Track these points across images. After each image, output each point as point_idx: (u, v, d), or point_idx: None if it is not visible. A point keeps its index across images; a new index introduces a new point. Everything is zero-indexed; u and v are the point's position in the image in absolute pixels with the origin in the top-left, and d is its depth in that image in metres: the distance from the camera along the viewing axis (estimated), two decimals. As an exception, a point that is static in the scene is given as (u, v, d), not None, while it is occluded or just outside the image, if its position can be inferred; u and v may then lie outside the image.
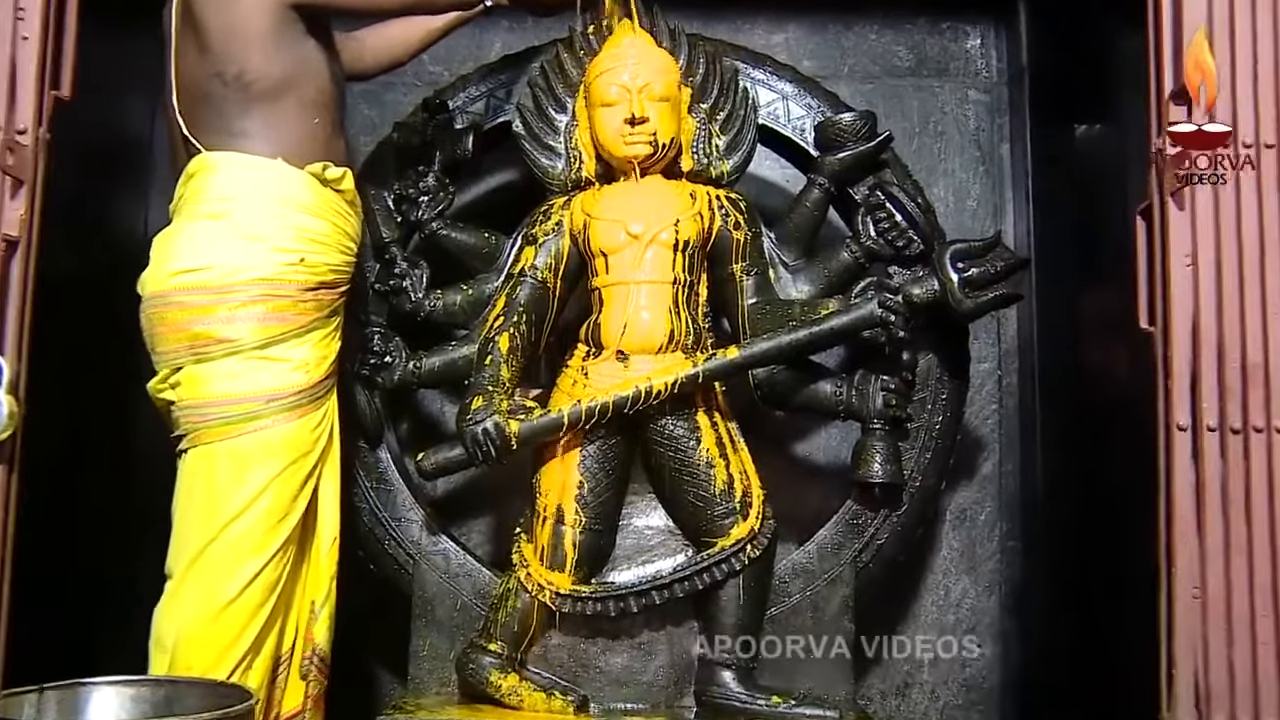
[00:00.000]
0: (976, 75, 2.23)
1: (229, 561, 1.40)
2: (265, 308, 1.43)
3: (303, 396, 1.46)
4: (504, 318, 1.62)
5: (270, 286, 1.43)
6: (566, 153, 1.70)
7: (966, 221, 2.15)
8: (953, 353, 1.73)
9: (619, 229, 1.60)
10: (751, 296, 1.65)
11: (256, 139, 1.46)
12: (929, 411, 1.71)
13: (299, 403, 1.45)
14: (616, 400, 1.53)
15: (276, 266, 1.44)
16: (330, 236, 1.50)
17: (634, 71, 1.62)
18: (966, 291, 1.56)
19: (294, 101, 1.48)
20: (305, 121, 1.49)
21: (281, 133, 1.47)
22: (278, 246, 1.44)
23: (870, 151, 1.72)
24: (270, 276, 1.43)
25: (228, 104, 1.45)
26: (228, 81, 1.44)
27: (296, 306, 1.46)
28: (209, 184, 1.45)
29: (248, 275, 1.42)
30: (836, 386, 1.63)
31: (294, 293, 1.45)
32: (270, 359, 1.43)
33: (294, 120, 1.48)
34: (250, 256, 1.43)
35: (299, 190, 1.47)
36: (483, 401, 1.52)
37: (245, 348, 1.42)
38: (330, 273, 1.50)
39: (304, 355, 1.47)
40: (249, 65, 1.43)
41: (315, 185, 1.48)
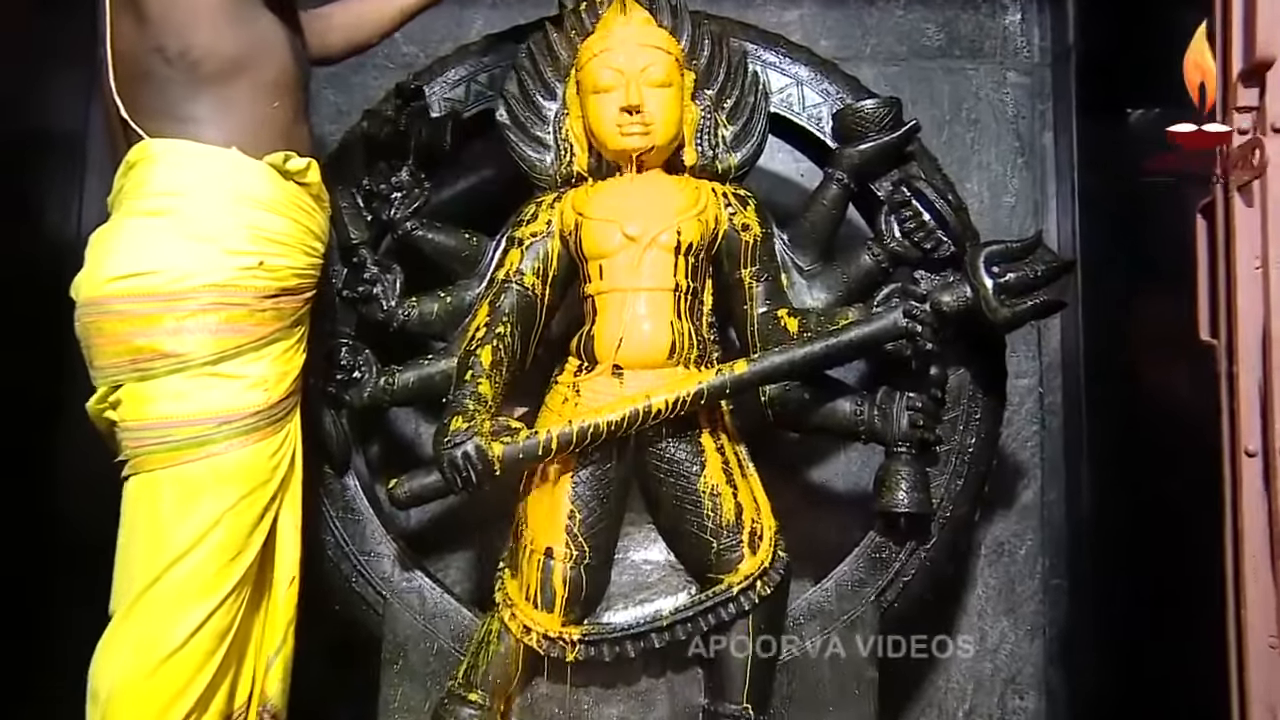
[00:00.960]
0: (1016, 55, 2.24)
1: (174, 605, 1.38)
2: (218, 318, 1.41)
3: (261, 418, 1.45)
4: (486, 329, 1.63)
5: (224, 294, 1.42)
6: (556, 145, 1.72)
7: (1003, 220, 2.17)
8: (988, 367, 1.74)
9: (614, 230, 1.61)
10: (762, 305, 1.66)
11: (207, 125, 1.44)
12: (961, 433, 1.72)
13: (256, 425, 1.44)
14: (611, 421, 1.53)
15: (231, 271, 1.42)
16: (293, 236, 1.50)
17: (630, 54, 1.64)
18: (1003, 299, 1.56)
19: (249, 83, 1.46)
20: (263, 105, 1.48)
21: (235, 118, 1.45)
22: (232, 248, 1.43)
23: (895, 142, 1.73)
24: (224, 282, 1.42)
25: (172, 85, 1.43)
26: (171, 59, 1.42)
27: (254, 316, 1.45)
28: (152, 176, 1.43)
29: (198, 281, 1.40)
30: (857, 405, 1.64)
31: (251, 300, 1.44)
32: (223, 376, 1.42)
33: (250, 104, 1.47)
34: (200, 259, 1.41)
35: (257, 183, 1.46)
36: (462, 422, 1.52)
37: (194, 363, 1.40)
38: (293, 277, 1.50)
39: (262, 371, 1.46)
40: (195, 40, 1.42)
41: (275, 178, 1.48)
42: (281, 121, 1.50)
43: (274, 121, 1.49)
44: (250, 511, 1.43)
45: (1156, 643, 1.76)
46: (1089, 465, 2.06)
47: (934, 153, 1.84)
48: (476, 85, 1.85)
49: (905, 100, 1.81)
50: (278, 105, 1.49)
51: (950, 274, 1.68)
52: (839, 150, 1.74)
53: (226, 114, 1.45)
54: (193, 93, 1.44)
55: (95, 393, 1.45)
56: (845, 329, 1.56)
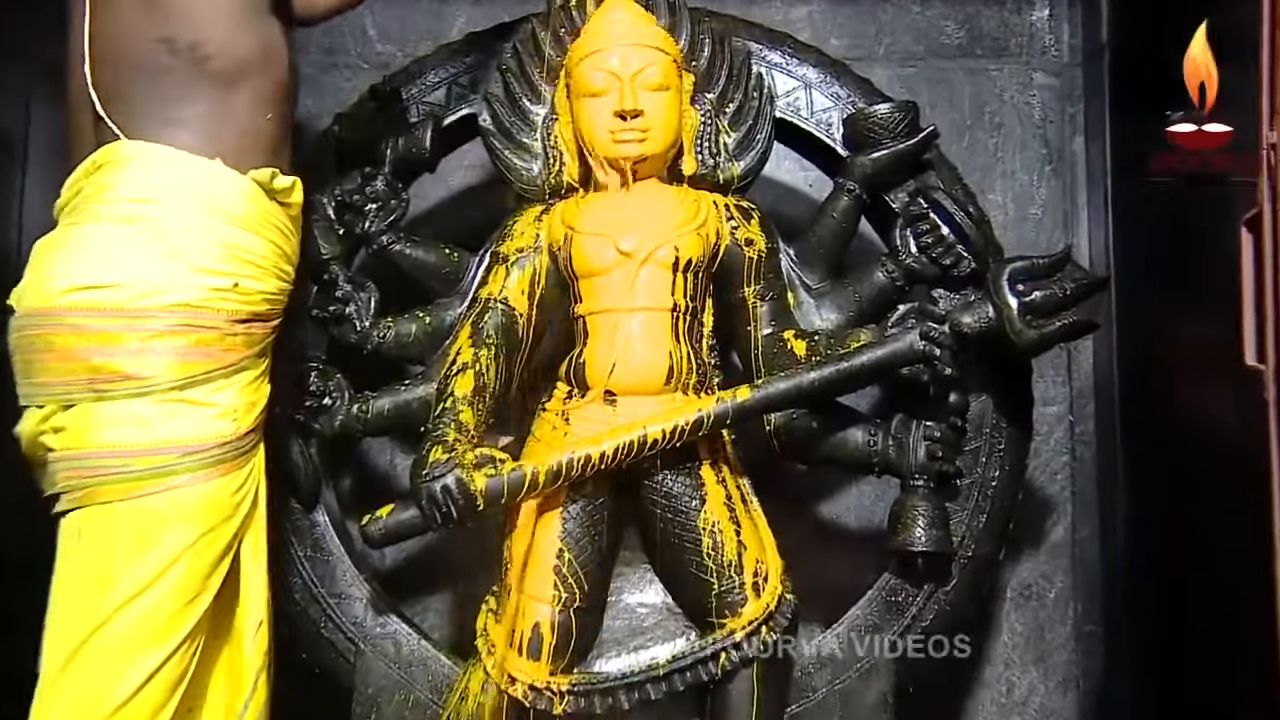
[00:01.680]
0: (1044, 54, 2.26)
1: (122, 653, 1.37)
2: (187, 340, 1.42)
3: (227, 450, 1.46)
4: (468, 352, 1.64)
5: (194, 314, 1.43)
6: (544, 153, 1.74)
7: (1029, 234, 2.19)
8: (1012, 394, 1.76)
9: (607, 245, 1.63)
10: (767, 326, 1.68)
11: (194, 131, 1.45)
12: (983, 465, 1.73)
13: (222, 457, 1.45)
14: (604, 452, 1.54)
15: (204, 291, 1.43)
16: (268, 259, 1.51)
17: (625, 54, 1.66)
18: (1029, 319, 1.57)
19: (250, 90, 1.48)
20: (257, 117, 1.49)
21: (227, 127, 1.47)
22: (206, 266, 1.44)
23: (911, 150, 1.75)
24: (195, 302, 1.43)
25: (169, 82, 1.44)
26: (178, 51, 1.43)
27: (225, 341, 1.46)
28: (123, 179, 1.44)
29: (168, 299, 1.41)
30: (870, 435, 1.66)
31: (223, 324, 1.46)
32: (190, 402, 1.43)
33: (245, 113, 1.48)
34: (172, 275, 1.42)
35: (237, 199, 1.47)
36: (442, 453, 1.53)
37: (159, 387, 1.41)
38: (265, 302, 1.52)
39: (231, 400, 1.47)
40: (211, 35, 1.43)
41: (258, 195, 1.49)
42: (272, 136, 1.51)
43: (265, 135, 1.50)
44: (210, 550, 1.44)
45: (1199, 695, 1.76)
46: (1124, 500, 2.06)
47: (954, 161, 1.86)
48: (458, 87, 1.87)
49: (922, 104, 1.83)
50: (271, 118, 1.50)
51: (971, 292, 1.70)
52: (850, 159, 1.75)
53: (220, 121, 1.46)
54: (190, 93, 1.44)
55: (27, 412, 1.43)
56: (857, 352, 1.57)
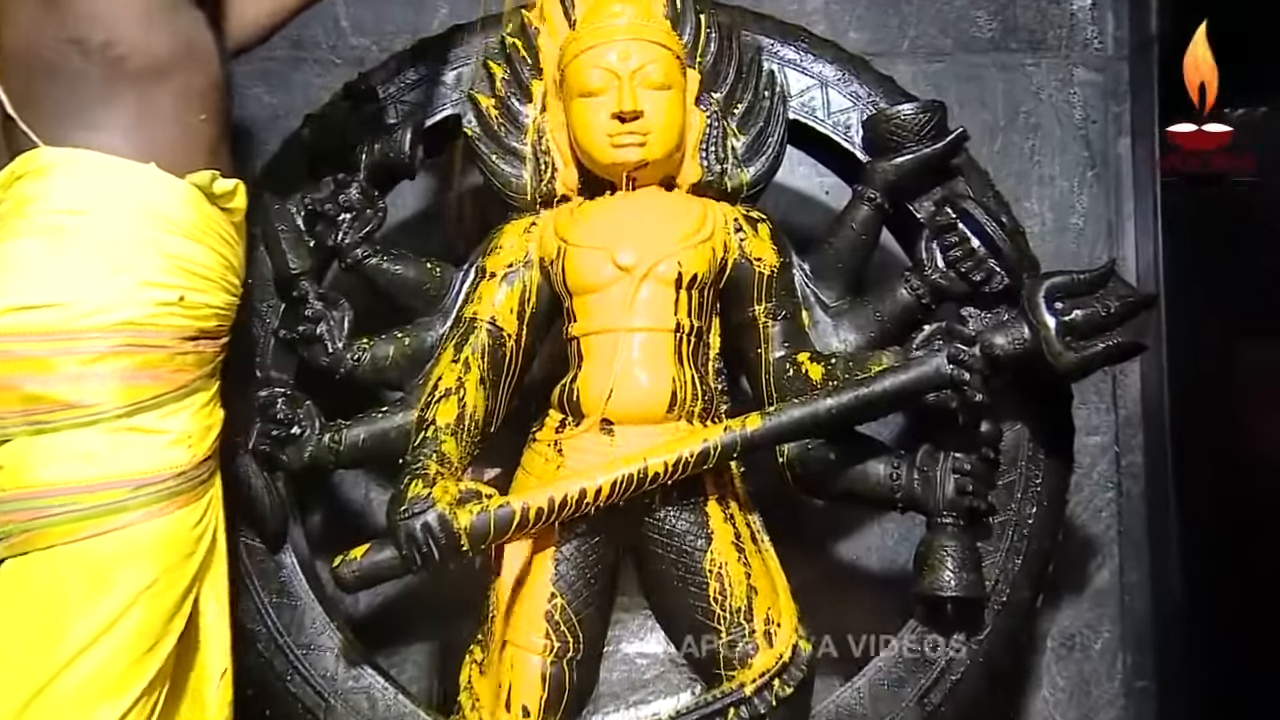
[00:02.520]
0: (1086, 47, 2.28)
1: (75, 709, 1.38)
2: (133, 362, 1.43)
3: (183, 481, 1.47)
4: (451, 376, 1.66)
5: (139, 333, 1.44)
6: (535, 158, 1.77)
7: (1069, 246, 2.20)
8: (1051, 422, 1.76)
9: (604, 260, 1.65)
10: (779, 348, 1.70)
11: (121, 134, 1.46)
12: (1019, 501, 1.74)
13: (178, 489, 1.46)
14: (600, 486, 1.54)
15: (148, 306, 1.44)
16: (214, 270, 1.52)
17: (624, 50, 1.68)
18: (1068, 341, 1.59)
19: (177, 89, 1.49)
20: (188, 117, 1.51)
21: (157, 129, 1.48)
22: (149, 279, 1.45)
23: (938, 154, 1.77)
24: (140, 319, 1.44)
25: (86, 84, 1.45)
26: (90, 52, 1.44)
27: (174, 361, 1.47)
28: (48, 190, 1.44)
29: (110, 317, 1.42)
30: (893, 467, 1.67)
31: (170, 342, 1.47)
32: (140, 431, 1.44)
33: (175, 113, 1.49)
34: (111, 291, 1.42)
35: (177, 205, 1.48)
36: (422, 487, 1.54)
37: (104, 416, 1.41)
38: (213, 318, 1.53)
39: (184, 426, 1.48)
40: (125, 33, 1.44)
41: (198, 200, 1.50)
42: (208, 137, 1.52)
43: (199, 136, 1.51)
44: (171, 592, 1.45)
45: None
46: (1178, 540, 2.06)
47: (985, 166, 1.87)
48: (440, 86, 1.88)
49: (950, 103, 1.83)
50: (205, 118, 1.52)
51: (1004, 311, 1.72)
52: (871, 164, 1.77)
53: (147, 123, 1.47)
54: (110, 95, 1.45)
55: None
56: (878, 376, 1.57)
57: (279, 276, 1.79)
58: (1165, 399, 2.10)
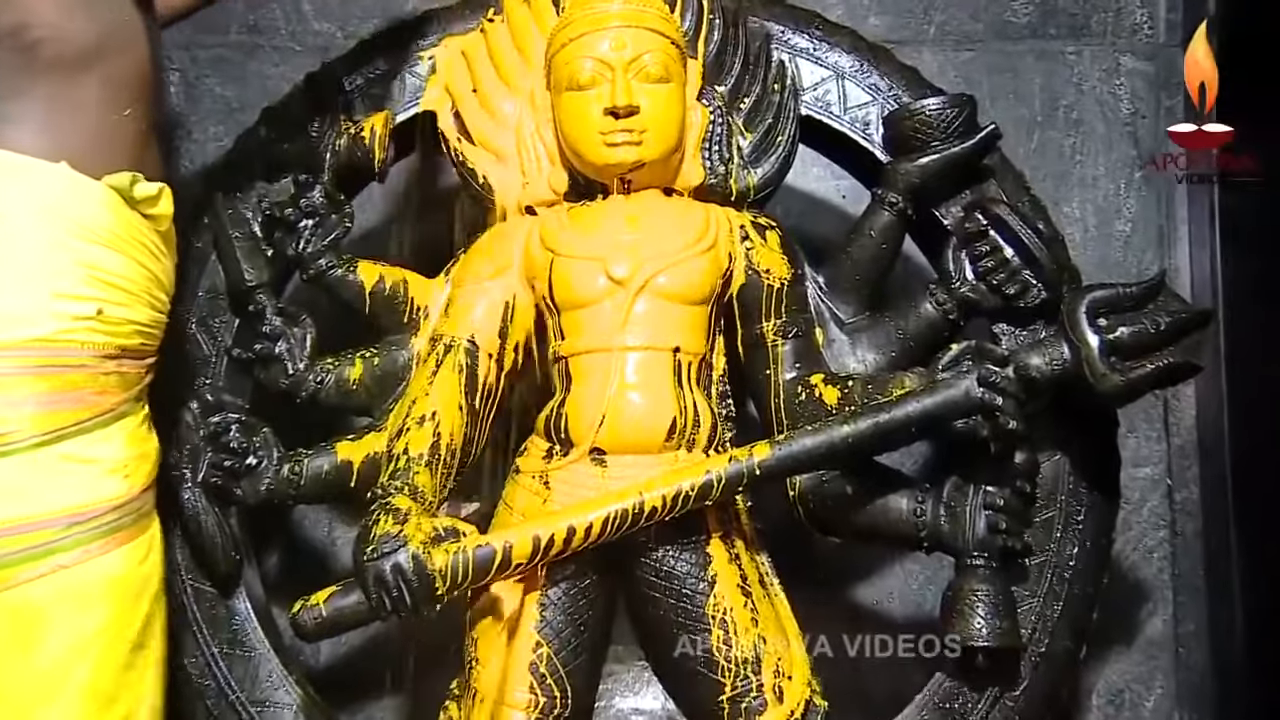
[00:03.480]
0: (1134, 33, 2.29)
1: None
2: (49, 384, 1.42)
3: (123, 514, 1.47)
4: (425, 401, 1.67)
5: (54, 351, 1.43)
6: (519, 157, 1.78)
7: (1114, 255, 2.21)
8: (1095, 452, 1.77)
9: (595, 271, 1.66)
10: (790, 369, 1.72)
11: (33, 130, 1.45)
12: (1058, 540, 1.75)
13: (117, 524, 1.47)
14: (591, 523, 1.54)
15: (62, 320, 1.43)
16: (135, 282, 1.52)
17: (617, 38, 1.69)
18: (1114, 361, 1.59)
19: (98, 80, 1.48)
20: (109, 112, 1.50)
21: (73, 124, 1.47)
22: (63, 291, 1.44)
23: (967, 153, 1.78)
24: (52, 336, 1.43)
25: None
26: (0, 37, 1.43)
27: (96, 381, 1.47)
28: None
29: (19, 333, 1.41)
30: (917, 502, 1.68)
31: (90, 360, 1.46)
32: (69, 460, 1.44)
33: (94, 107, 1.48)
34: (24, 304, 1.42)
35: (94, 210, 1.47)
36: (393, 524, 1.53)
37: (22, 444, 1.41)
38: (136, 335, 1.53)
39: (116, 453, 1.48)
40: (41, 18, 1.43)
41: (117, 205, 1.49)
42: (130, 135, 1.52)
43: (121, 134, 1.51)
44: (121, 642, 1.44)
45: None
46: (1239, 585, 2.07)
47: (1020, 166, 1.88)
48: (413, 77, 1.89)
49: (981, 96, 1.84)
50: (129, 113, 1.51)
51: (1042, 328, 1.73)
52: (892, 165, 1.79)
53: (61, 118, 1.46)
54: (21, 86, 1.44)
55: None
56: (901, 401, 1.58)
57: (233, 289, 1.80)
58: (1224, 426, 2.11)
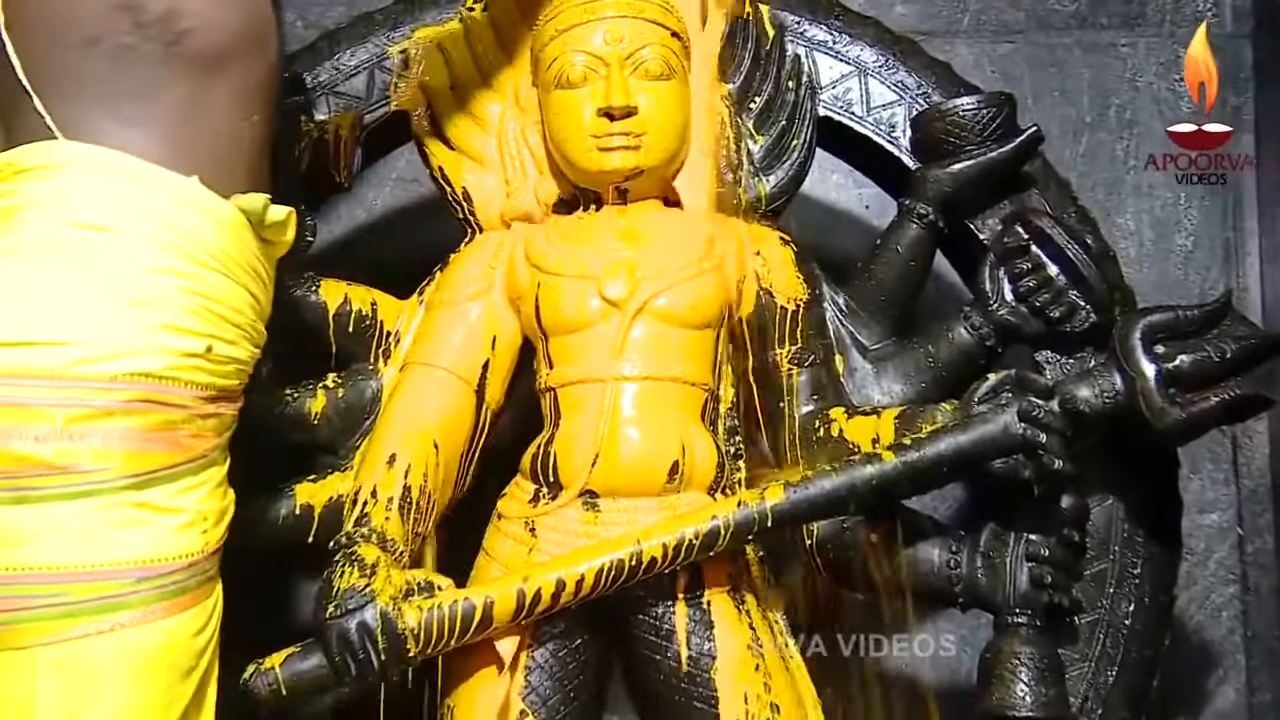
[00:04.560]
0: (1196, 22, 2.28)
1: None
2: (145, 422, 1.40)
3: (193, 574, 1.45)
4: (396, 436, 1.68)
5: (160, 388, 1.40)
6: (502, 163, 1.80)
7: (1173, 272, 2.22)
8: (1152, 496, 1.78)
9: (587, 292, 1.67)
10: (807, 402, 1.73)
11: (160, 136, 1.44)
12: (1112, 597, 1.75)
13: (185, 584, 1.44)
14: (583, 575, 1.55)
15: (169, 356, 1.41)
16: (245, 315, 1.50)
17: (613, 30, 1.71)
18: (1173, 393, 1.60)
19: (234, 82, 1.47)
20: (239, 119, 1.49)
21: (204, 132, 1.46)
22: (173, 323, 1.41)
23: (1006, 159, 1.79)
24: (158, 371, 1.40)
25: (132, 65, 1.42)
26: (145, 24, 1.41)
27: (194, 424, 1.45)
28: (64, 195, 1.40)
29: (127, 365, 1.38)
30: (951, 553, 1.68)
31: (193, 402, 1.44)
32: (148, 508, 1.41)
33: (226, 114, 1.47)
34: (128, 333, 1.39)
35: (218, 234, 1.45)
36: (359, 576, 1.55)
37: (106, 486, 1.38)
38: (236, 375, 1.51)
39: (199, 505, 1.46)
40: (193, 3, 1.43)
41: (244, 230, 1.48)
42: (254, 146, 1.51)
43: (247, 145, 1.50)
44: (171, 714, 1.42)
45: None
46: None
47: (1066, 173, 1.89)
48: (382, 73, 1.90)
49: (1022, 94, 1.89)
50: (257, 120, 1.50)
51: (1090, 356, 1.74)
52: (922, 171, 1.80)
53: (194, 123, 1.45)
54: (158, 82, 1.43)
55: None
56: (932, 438, 1.58)
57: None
58: (1303, 468, 2.11)
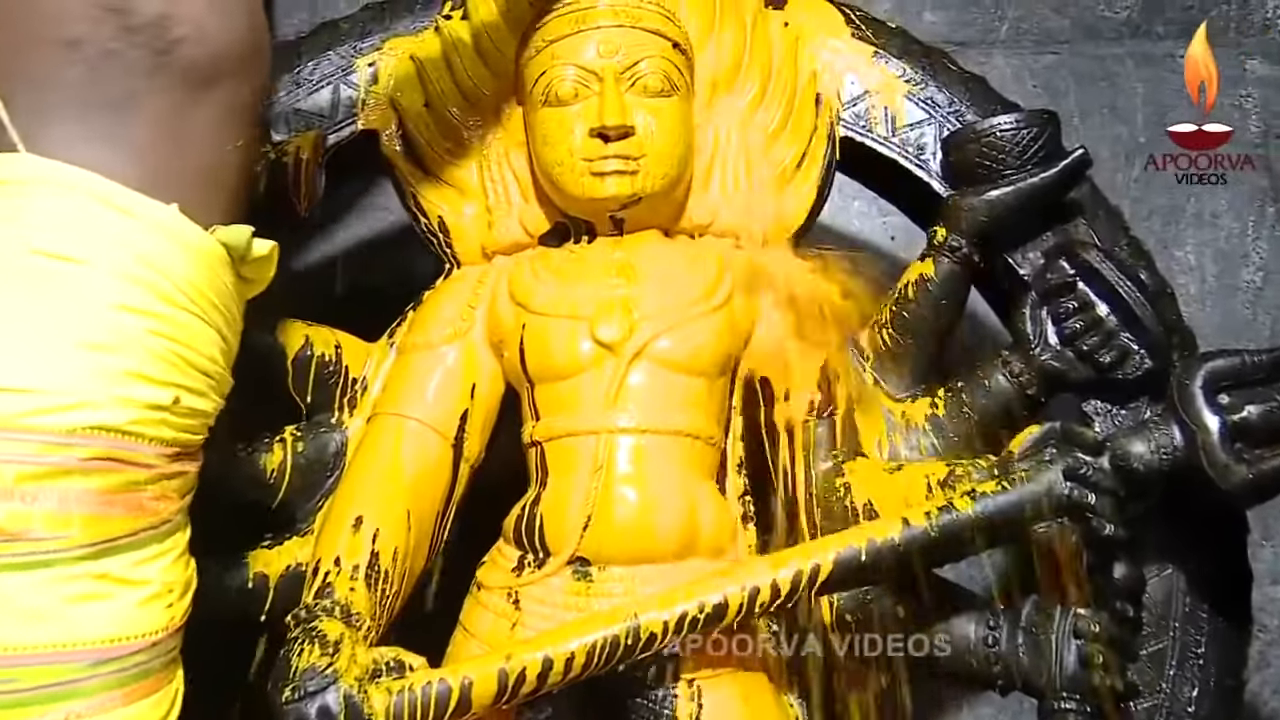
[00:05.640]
0: (1266, 30, 2.34)
1: None
2: (108, 482, 1.38)
3: (156, 654, 1.44)
4: (363, 497, 1.69)
5: (120, 444, 1.38)
6: (483, 189, 1.82)
7: (1240, 312, 2.24)
8: (1217, 565, 1.78)
9: (579, 333, 1.68)
10: (826, 457, 1.74)
11: (138, 156, 1.41)
12: (1172, 680, 1.75)
13: (147, 667, 1.43)
14: (573, 653, 1.53)
15: (134, 409, 1.38)
16: (216, 362, 1.48)
17: (607, 41, 1.72)
18: (1239, 449, 1.60)
19: (223, 99, 1.47)
20: (224, 141, 1.48)
21: (187, 155, 1.44)
22: (141, 371, 1.38)
23: (1049, 185, 1.79)
24: (122, 425, 1.37)
25: (115, 74, 1.40)
26: (137, 28, 1.39)
27: (158, 485, 1.43)
28: (20, 215, 1.37)
29: (81, 418, 1.34)
30: (989, 628, 1.68)
31: (157, 460, 1.42)
32: (109, 580, 1.39)
33: (210, 135, 1.46)
34: (88, 379, 1.35)
35: (194, 270, 1.43)
36: (319, 654, 1.55)
37: (63, 556, 1.36)
38: (201, 429, 1.49)
39: (164, 575, 1.45)
40: (187, 9, 1.41)
41: (222, 267, 1.47)
42: (238, 173, 1.51)
43: (232, 171, 1.50)
44: None
45: None
46: None
47: (1117, 201, 1.90)
48: (348, 87, 1.92)
49: (1067, 111, 1.90)
50: (241, 144, 1.50)
51: (1146, 406, 1.75)
52: (954, 199, 1.80)
53: (175, 144, 1.43)
54: (140, 96, 1.41)
55: None
56: (967, 499, 1.58)
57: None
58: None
